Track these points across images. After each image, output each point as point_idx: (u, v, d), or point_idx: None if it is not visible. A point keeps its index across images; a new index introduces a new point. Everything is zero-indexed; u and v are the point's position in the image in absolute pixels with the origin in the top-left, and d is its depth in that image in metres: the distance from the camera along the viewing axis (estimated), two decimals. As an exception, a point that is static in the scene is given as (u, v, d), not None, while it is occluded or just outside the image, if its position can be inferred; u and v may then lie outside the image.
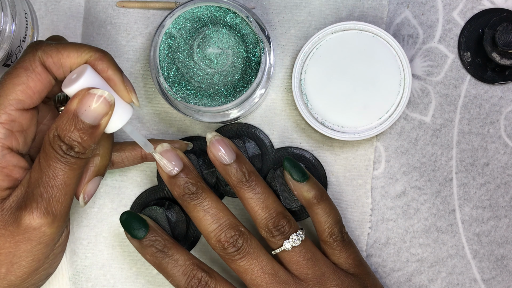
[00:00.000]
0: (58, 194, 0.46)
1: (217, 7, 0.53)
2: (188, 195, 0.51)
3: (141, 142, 0.51)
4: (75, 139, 0.46)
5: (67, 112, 0.46)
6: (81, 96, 0.46)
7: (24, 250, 0.47)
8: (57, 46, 0.47)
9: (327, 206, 0.53)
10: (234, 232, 0.51)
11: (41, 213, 0.46)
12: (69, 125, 0.46)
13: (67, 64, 0.47)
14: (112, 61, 0.48)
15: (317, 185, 0.53)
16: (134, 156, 0.55)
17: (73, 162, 0.46)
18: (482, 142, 0.58)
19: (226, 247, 0.51)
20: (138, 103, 0.50)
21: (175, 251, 0.52)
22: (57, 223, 0.47)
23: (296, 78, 0.56)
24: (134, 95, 0.49)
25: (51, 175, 0.46)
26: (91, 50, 0.48)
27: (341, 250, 0.53)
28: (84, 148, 0.46)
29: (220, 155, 0.52)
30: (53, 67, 0.47)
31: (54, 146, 0.46)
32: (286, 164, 0.53)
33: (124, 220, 0.53)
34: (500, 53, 0.56)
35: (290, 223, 0.52)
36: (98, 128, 0.47)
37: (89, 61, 0.48)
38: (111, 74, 0.48)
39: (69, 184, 0.47)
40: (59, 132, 0.46)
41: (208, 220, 0.51)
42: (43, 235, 0.47)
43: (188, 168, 0.52)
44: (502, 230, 0.58)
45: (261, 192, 0.52)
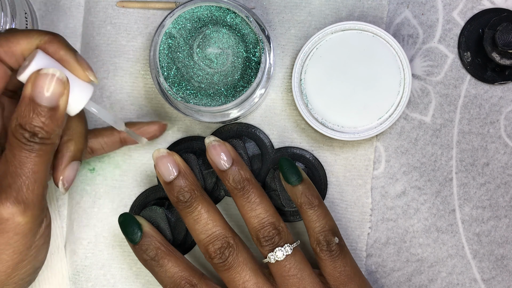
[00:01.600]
0: (28, 182, 0.46)
1: (217, 7, 0.53)
2: (181, 203, 0.52)
3: (110, 120, 0.50)
4: (36, 124, 0.45)
5: (23, 98, 0.45)
6: (33, 79, 0.45)
7: (2, 243, 0.46)
8: (5, 34, 0.47)
9: (316, 213, 0.52)
10: (222, 243, 0.51)
11: (12, 202, 0.45)
12: (28, 111, 0.45)
13: (19, 52, 0.47)
14: (63, 42, 0.47)
15: (309, 189, 0.53)
16: (113, 141, 0.55)
17: (38, 149, 0.46)
18: (482, 142, 0.58)
19: (213, 257, 0.52)
20: (96, 80, 0.48)
21: (166, 261, 0.52)
22: (30, 212, 0.46)
23: (296, 78, 0.56)
24: (90, 72, 0.48)
25: (17, 165, 0.45)
26: (40, 34, 0.47)
27: (326, 260, 0.52)
28: (48, 133, 0.46)
29: (217, 161, 0.53)
30: (5, 57, 0.47)
31: (17, 135, 0.45)
32: (281, 165, 0.54)
33: (120, 223, 0.54)
34: (500, 53, 0.56)
35: (281, 235, 0.52)
36: (58, 109, 0.46)
37: (40, 46, 0.47)
38: (63, 55, 0.47)
39: (37, 171, 0.46)
40: (20, 121, 0.45)
41: (197, 230, 0.52)
42: (17, 225, 0.46)
43: (184, 174, 0.52)
44: (502, 230, 0.58)
45: (253, 200, 0.52)
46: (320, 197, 0.54)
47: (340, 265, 0.52)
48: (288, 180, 0.53)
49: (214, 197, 0.57)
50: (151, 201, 0.58)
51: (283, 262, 0.51)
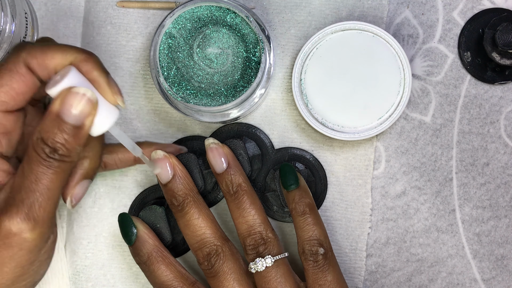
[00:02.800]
0: (41, 199, 0.45)
1: (217, 7, 0.53)
2: (174, 206, 0.53)
3: (129, 145, 0.50)
4: (58, 141, 0.45)
5: (50, 113, 0.45)
6: (63, 96, 0.45)
7: (6, 256, 0.46)
8: (42, 47, 0.47)
9: (306, 221, 0.52)
10: (209, 250, 0.52)
11: (22, 218, 0.45)
12: (52, 126, 0.45)
13: (52, 66, 0.47)
14: (97, 63, 0.47)
15: (303, 197, 0.53)
16: (127, 158, 0.55)
17: (56, 166, 0.45)
18: (482, 142, 0.58)
19: (201, 263, 0.52)
20: (123, 105, 0.48)
21: (156, 267, 0.53)
22: (39, 229, 0.46)
23: (296, 78, 0.56)
24: (119, 97, 0.48)
25: (33, 180, 0.45)
26: (76, 51, 0.47)
27: (308, 271, 0.52)
28: (69, 151, 0.45)
29: (213, 163, 0.53)
30: (38, 69, 0.46)
31: (37, 149, 0.45)
32: (280, 170, 0.54)
33: (118, 223, 0.54)
34: (500, 53, 0.56)
35: (266, 245, 0.52)
36: (82, 129, 0.46)
37: (74, 63, 0.47)
38: (96, 76, 0.47)
39: (52, 188, 0.46)
40: (42, 135, 0.45)
41: (188, 234, 0.53)
42: (24, 241, 0.46)
43: (180, 177, 0.53)
44: (502, 230, 0.58)
45: (243, 207, 0.52)
46: (313, 205, 0.53)
47: (321, 277, 0.51)
48: (284, 185, 0.53)
49: (213, 198, 0.57)
50: (151, 201, 0.58)
51: (263, 273, 0.51)
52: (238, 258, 0.53)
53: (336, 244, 0.58)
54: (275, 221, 0.58)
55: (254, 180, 0.57)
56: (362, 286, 0.58)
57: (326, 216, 0.58)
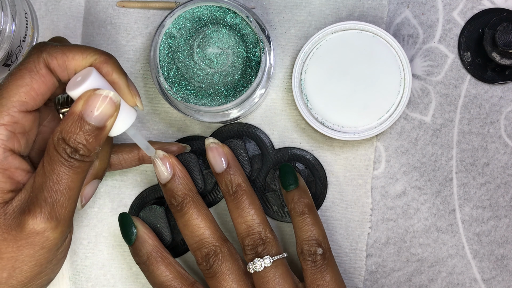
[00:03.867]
0: (62, 199, 0.46)
1: (217, 7, 0.53)
2: (173, 206, 0.53)
3: (144, 145, 0.51)
4: (80, 141, 0.45)
5: (72, 114, 0.45)
6: (87, 97, 0.45)
7: (27, 255, 0.46)
8: (62, 48, 0.47)
9: (304, 221, 0.52)
10: (208, 250, 0.52)
11: (45, 217, 0.45)
12: (74, 127, 0.45)
13: (72, 67, 0.47)
14: (117, 64, 0.48)
15: (302, 197, 0.53)
16: (132, 158, 0.55)
17: (77, 166, 0.46)
18: (482, 142, 0.58)
19: (199, 263, 0.52)
20: (142, 107, 0.50)
21: (155, 268, 0.53)
22: (60, 228, 0.46)
23: (296, 78, 0.56)
24: (138, 98, 0.49)
25: (55, 180, 0.46)
26: (96, 52, 0.47)
27: (307, 271, 0.52)
28: (89, 151, 0.46)
29: (213, 163, 0.53)
30: (58, 69, 0.47)
31: (59, 149, 0.45)
32: (280, 170, 0.54)
33: (118, 223, 0.54)
34: (500, 53, 0.56)
35: (265, 245, 0.52)
36: (104, 130, 0.46)
37: (94, 64, 0.47)
38: (116, 78, 0.48)
39: (73, 188, 0.46)
40: (64, 135, 0.45)
41: (187, 235, 0.53)
42: (46, 240, 0.46)
43: (179, 177, 0.53)
44: (502, 230, 0.58)
45: (243, 207, 0.52)
46: (312, 205, 0.53)
47: (319, 278, 0.52)
48: (284, 185, 0.53)
49: (213, 197, 0.57)
50: (151, 201, 0.58)
51: (262, 273, 0.51)
52: (237, 258, 0.53)
53: (336, 244, 0.58)
54: (274, 221, 0.58)
55: (254, 180, 0.57)
56: (362, 286, 0.58)
57: (326, 216, 0.58)
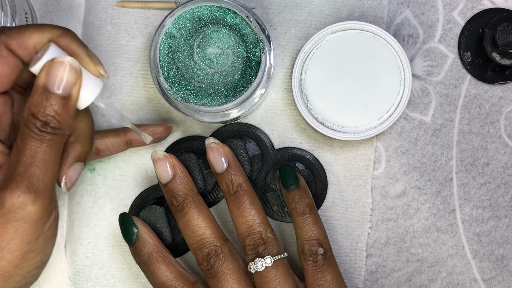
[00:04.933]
0: (38, 172, 0.46)
1: (217, 7, 0.53)
2: (174, 206, 0.53)
3: (117, 116, 0.51)
4: (49, 113, 0.46)
5: (36, 87, 0.46)
6: (47, 68, 0.46)
7: (11, 232, 0.46)
8: (19, 28, 0.48)
9: (306, 221, 0.52)
10: (209, 250, 0.52)
11: (23, 191, 0.46)
12: (41, 100, 0.46)
13: (31, 45, 0.47)
14: (74, 37, 0.48)
15: (303, 196, 0.53)
16: (119, 142, 0.55)
17: (49, 139, 0.46)
18: (482, 142, 0.58)
19: (200, 263, 0.52)
20: (106, 75, 0.49)
21: (156, 268, 0.53)
22: (40, 200, 0.46)
23: (296, 78, 0.56)
24: (101, 66, 0.49)
25: (28, 154, 0.46)
26: (52, 28, 0.48)
27: (308, 271, 0.52)
28: (60, 123, 0.46)
29: (213, 163, 0.53)
30: (18, 49, 0.47)
31: (29, 125, 0.46)
32: (280, 170, 0.54)
33: (119, 223, 0.55)
34: (500, 53, 0.56)
35: (266, 245, 0.52)
36: (70, 99, 0.46)
37: (52, 39, 0.48)
38: (75, 48, 0.48)
39: (47, 161, 0.46)
40: (32, 110, 0.46)
41: (188, 235, 0.53)
42: (27, 213, 0.46)
43: (179, 177, 0.53)
44: (502, 230, 0.58)
45: (244, 207, 0.52)
46: (313, 205, 0.53)
47: (320, 277, 0.52)
48: (284, 185, 0.54)
49: (214, 198, 0.57)
50: (151, 201, 0.58)
51: (263, 273, 0.51)
52: (238, 258, 0.53)
53: (336, 244, 0.58)
54: (275, 221, 0.58)
55: (254, 180, 0.57)
56: (362, 286, 0.58)
57: (326, 216, 0.58)
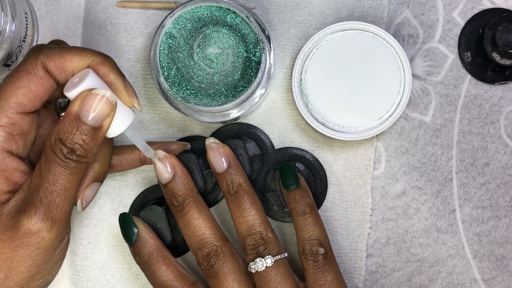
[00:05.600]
0: (58, 199, 0.46)
1: (217, 7, 0.53)
2: (174, 206, 0.53)
3: (142, 147, 0.51)
4: (77, 141, 0.45)
5: (69, 114, 0.46)
6: (83, 97, 0.46)
7: (23, 255, 0.46)
8: (59, 50, 0.47)
9: (306, 221, 0.52)
10: (209, 250, 0.52)
11: (40, 218, 0.46)
12: (71, 127, 0.45)
13: (69, 68, 0.47)
14: (114, 66, 0.48)
15: (304, 196, 0.53)
16: (133, 159, 0.55)
17: (73, 167, 0.46)
18: (482, 142, 0.58)
19: (200, 263, 0.52)
20: (139, 108, 0.50)
21: (156, 267, 0.53)
22: (56, 229, 0.47)
23: (296, 78, 0.56)
24: (136, 99, 0.49)
25: (51, 180, 0.46)
26: (93, 54, 0.47)
27: (308, 270, 0.52)
28: (86, 151, 0.46)
29: (213, 163, 0.53)
30: (55, 71, 0.47)
31: (55, 150, 0.45)
32: (280, 169, 0.54)
33: (119, 223, 0.55)
34: (500, 53, 0.56)
35: (266, 245, 0.52)
36: (101, 130, 0.46)
37: (91, 66, 0.47)
38: (113, 79, 0.48)
39: (69, 189, 0.46)
40: (60, 135, 0.45)
41: (188, 235, 0.53)
42: (41, 240, 0.46)
43: (180, 177, 0.53)
44: (502, 230, 0.58)
45: (244, 207, 0.52)
46: (313, 205, 0.54)
47: (321, 277, 0.52)
48: (285, 185, 0.54)
49: (213, 198, 0.57)
50: (151, 201, 0.58)
51: (263, 273, 0.51)
52: (238, 258, 0.53)
53: (336, 244, 0.58)
54: (275, 221, 0.58)
55: (254, 180, 0.57)
56: (362, 286, 0.58)
57: (326, 216, 0.58)
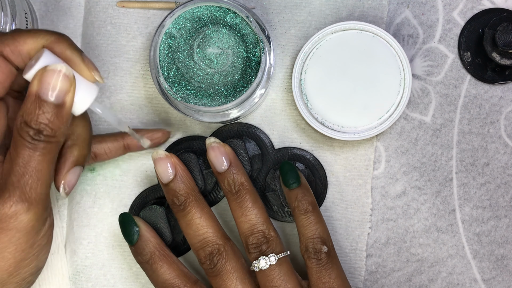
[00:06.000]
0: (31, 181, 0.46)
1: (217, 7, 0.53)
2: (176, 206, 0.53)
3: (114, 120, 0.50)
4: (42, 121, 0.45)
5: (29, 95, 0.45)
6: (40, 76, 0.45)
7: (4, 242, 0.46)
8: (12, 34, 0.47)
9: (309, 219, 0.53)
10: (212, 249, 0.52)
11: (15, 201, 0.45)
12: (33, 108, 0.45)
13: (25, 51, 0.47)
14: (69, 42, 0.48)
15: (305, 195, 0.53)
16: (117, 147, 0.55)
17: (42, 147, 0.45)
18: (482, 142, 0.58)
19: (203, 262, 0.52)
20: (102, 80, 0.48)
21: (159, 266, 0.53)
22: (33, 209, 0.46)
23: (296, 78, 0.56)
24: (96, 72, 0.48)
25: (21, 163, 0.45)
26: (46, 33, 0.47)
27: (312, 269, 0.52)
28: (53, 131, 0.46)
29: (214, 162, 0.53)
30: (12, 56, 0.47)
31: (22, 133, 0.45)
32: (281, 168, 0.54)
33: (119, 223, 0.54)
34: (500, 53, 0.56)
35: (269, 243, 0.52)
36: (64, 106, 0.46)
37: (46, 45, 0.47)
38: (69, 54, 0.47)
39: (41, 169, 0.46)
40: (25, 118, 0.45)
41: (190, 234, 0.53)
42: (19, 222, 0.46)
43: (181, 177, 0.53)
44: (502, 230, 0.58)
45: (246, 206, 0.52)
46: (315, 203, 0.54)
47: (325, 275, 0.52)
48: (286, 183, 0.53)
49: (214, 197, 0.57)
50: (151, 201, 0.58)
51: (267, 271, 0.51)
52: (240, 257, 0.53)
53: (336, 244, 0.58)
54: (275, 221, 0.58)
55: (254, 180, 0.57)
56: (362, 286, 0.58)
57: (326, 216, 0.58)
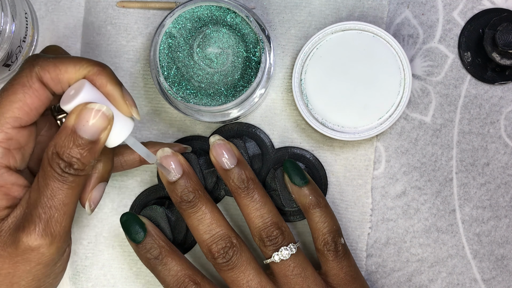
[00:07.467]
0: (57, 215, 0.46)
1: (217, 6, 0.54)
2: (185, 203, 0.52)
3: (144, 154, 0.50)
4: (74, 155, 0.45)
5: (65, 128, 0.45)
6: (79, 112, 0.45)
7: (23, 271, 0.46)
8: (54, 61, 0.46)
9: (323, 214, 0.53)
10: (225, 243, 0.51)
11: (39, 234, 0.45)
12: (68, 141, 0.45)
13: (65, 79, 0.46)
14: (111, 75, 0.47)
15: (316, 191, 0.54)
16: (133, 160, 0.55)
17: (71, 181, 0.45)
18: (482, 142, 0.58)
19: (216, 257, 0.52)
20: (138, 117, 0.48)
21: (169, 259, 0.52)
22: (56, 244, 0.46)
23: (296, 78, 0.56)
24: (134, 109, 0.48)
25: (49, 195, 0.45)
26: (89, 64, 0.47)
27: (333, 261, 0.53)
28: (84, 165, 0.45)
29: (221, 160, 0.53)
30: (51, 83, 0.46)
31: (53, 164, 0.45)
32: (287, 167, 0.54)
33: (123, 222, 0.54)
34: (500, 53, 0.56)
35: (284, 235, 0.52)
36: (98, 143, 0.46)
37: (88, 76, 0.47)
38: (110, 89, 0.47)
39: (67, 203, 0.46)
40: (57, 149, 0.45)
41: (201, 230, 0.52)
42: (42, 255, 0.46)
43: (188, 174, 0.52)
44: (502, 230, 0.58)
45: (257, 200, 0.52)
46: (324, 198, 0.54)
47: (345, 265, 0.53)
48: (295, 182, 0.53)
49: (214, 197, 0.57)
50: (151, 201, 0.58)
51: (288, 261, 0.52)
52: (249, 250, 0.53)
53: (336, 244, 0.58)
54: (275, 221, 0.58)
55: (254, 180, 0.57)
56: (362, 286, 0.58)
57: (326, 216, 0.58)
